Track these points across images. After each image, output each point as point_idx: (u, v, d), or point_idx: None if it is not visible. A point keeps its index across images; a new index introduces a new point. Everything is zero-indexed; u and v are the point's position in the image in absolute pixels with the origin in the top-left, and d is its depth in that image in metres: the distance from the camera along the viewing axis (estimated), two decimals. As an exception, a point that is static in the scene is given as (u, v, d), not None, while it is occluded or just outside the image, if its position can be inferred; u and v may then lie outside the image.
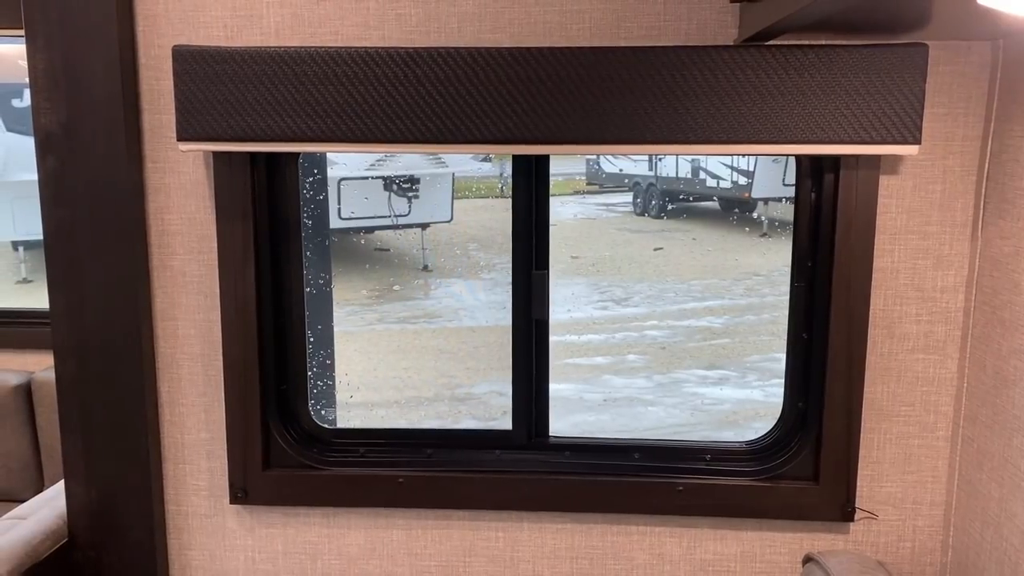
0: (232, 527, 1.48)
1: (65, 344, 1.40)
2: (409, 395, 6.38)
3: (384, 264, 11.10)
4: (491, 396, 6.25)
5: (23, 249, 10.13)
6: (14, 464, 2.41)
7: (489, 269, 10.95)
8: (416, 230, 11.52)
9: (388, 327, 8.16)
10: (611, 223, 12.71)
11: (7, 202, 10.07)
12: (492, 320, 8.43)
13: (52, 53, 1.32)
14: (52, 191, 1.36)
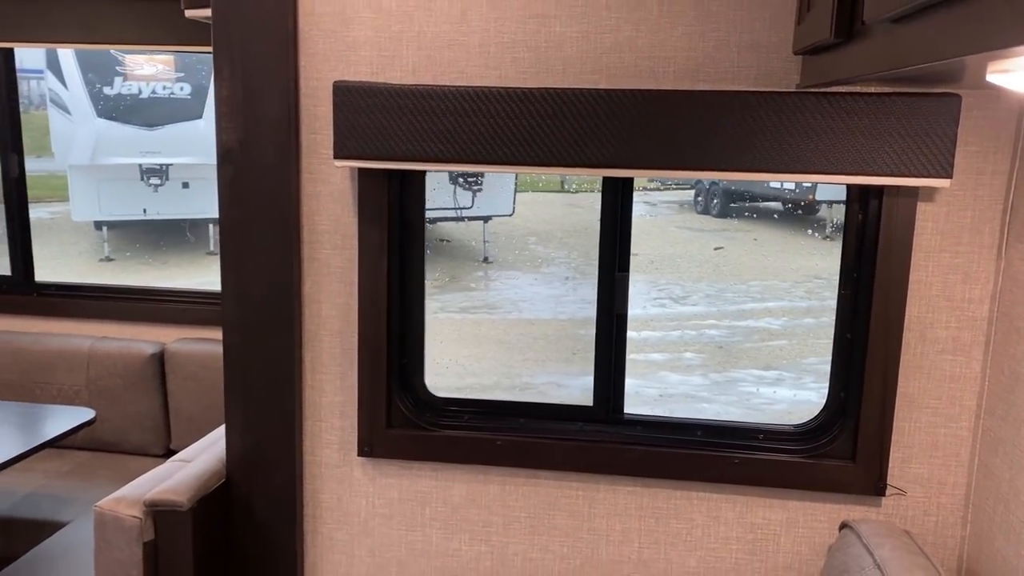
0: (357, 476, 1.79)
1: (233, 319, 1.72)
2: (470, 382, 6.68)
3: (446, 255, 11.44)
4: (549, 387, 6.52)
5: (106, 229, 10.73)
6: (147, 423, 2.78)
7: (548, 263, 11.20)
8: (478, 223, 11.83)
9: (450, 316, 8.48)
10: (672, 221, 12.84)
11: (94, 184, 10.67)
12: (550, 313, 8.69)
13: (234, 83, 1.63)
14: (229, 195, 1.68)
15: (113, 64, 10.11)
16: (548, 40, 1.58)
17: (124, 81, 10.52)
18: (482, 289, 9.82)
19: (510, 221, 12.75)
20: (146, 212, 10.57)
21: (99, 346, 2.76)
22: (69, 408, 2.41)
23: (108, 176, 10.31)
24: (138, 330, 2.83)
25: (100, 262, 10.33)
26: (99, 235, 10.64)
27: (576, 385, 6.44)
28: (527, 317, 8.47)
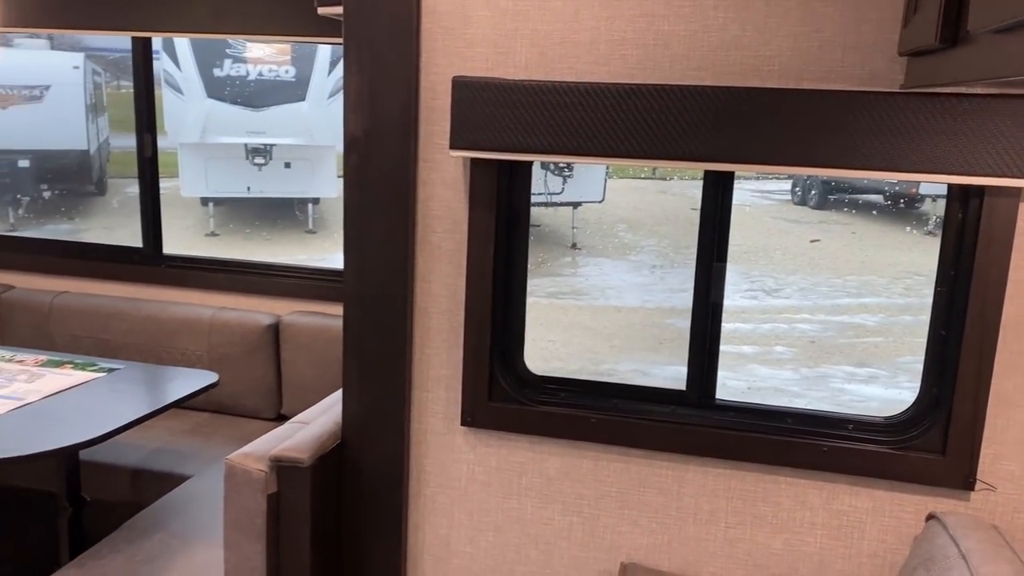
0: (459, 444, 1.92)
1: (353, 294, 1.87)
2: (555, 365, 6.79)
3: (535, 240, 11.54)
4: (634, 375, 6.57)
5: (212, 205, 11.25)
6: (261, 388, 2.99)
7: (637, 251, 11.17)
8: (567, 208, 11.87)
9: (537, 300, 8.60)
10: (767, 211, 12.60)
11: (202, 162, 11.19)
12: (637, 301, 8.70)
13: (362, 78, 1.77)
14: (353, 180, 1.82)
15: (223, 46, 10.58)
16: (656, 38, 1.66)
17: (233, 63, 10.99)
18: (569, 275, 9.90)
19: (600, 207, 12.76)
20: (249, 190, 11.05)
21: (220, 315, 2.98)
22: (194, 371, 2.62)
23: (215, 154, 10.82)
24: (256, 302, 3.03)
25: (206, 236, 10.86)
26: (205, 211, 11.19)
27: (662, 374, 6.46)
28: (614, 304, 8.52)
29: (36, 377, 2.45)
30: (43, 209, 11.36)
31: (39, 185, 11.26)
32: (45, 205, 11.42)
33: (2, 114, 10.42)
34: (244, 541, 1.82)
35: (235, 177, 10.96)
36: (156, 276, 3.12)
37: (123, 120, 13.95)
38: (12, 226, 10.63)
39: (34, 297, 3.13)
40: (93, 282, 3.18)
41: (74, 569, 2.06)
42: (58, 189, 11.52)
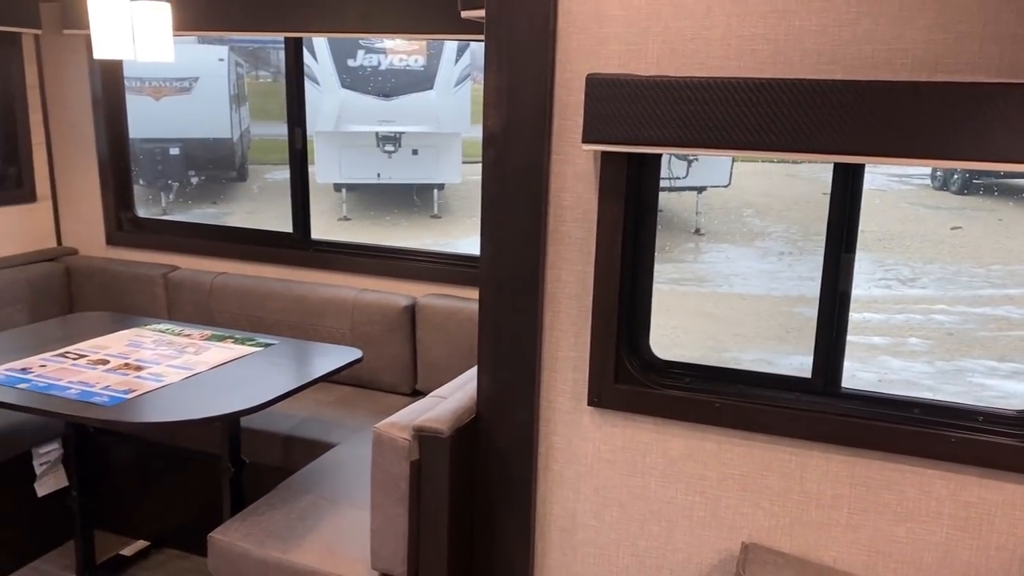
0: (586, 423, 2.02)
1: (488, 279, 2.00)
2: (676, 353, 6.77)
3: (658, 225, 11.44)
4: (759, 364, 6.49)
5: (344, 191, 11.75)
6: (398, 365, 3.18)
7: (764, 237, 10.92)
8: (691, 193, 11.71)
9: (658, 286, 8.56)
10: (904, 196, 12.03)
11: (336, 149, 11.69)
12: (763, 289, 8.54)
13: (501, 76, 1.89)
14: (490, 174, 1.94)
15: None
16: (787, 33, 1.69)
17: (366, 54, 11.42)
18: (692, 261, 9.81)
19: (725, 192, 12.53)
20: (379, 176, 11.49)
21: (361, 296, 3.19)
22: (340, 347, 2.83)
23: (348, 142, 11.30)
24: (395, 284, 3.23)
25: (338, 221, 11.38)
26: (338, 196, 11.72)
27: (788, 364, 6.36)
28: (738, 291, 8.40)
29: (202, 350, 2.72)
30: (191, 194, 12.17)
31: (188, 171, 12.06)
32: (193, 190, 12.24)
33: (156, 105, 11.22)
34: (388, 503, 2.00)
35: (366, 164, 11.42)
36: (305, 259, 3.37)
37: (261, 108, 14.72)
38: (164, 210, 11.45)
39: (197, 277, 3.44)
40: (249, 264, 3.46)
41: (237, 523, 2.29)
42: (204, 175, 12.31)
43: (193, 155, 11.87)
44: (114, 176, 3.64)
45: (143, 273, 3.50)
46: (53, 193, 3.71)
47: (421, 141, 11.34)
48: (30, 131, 3.59)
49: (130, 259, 3.62)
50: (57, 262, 3.62)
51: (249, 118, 14.02)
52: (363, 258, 3.29)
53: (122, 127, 3.65)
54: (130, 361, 2.59)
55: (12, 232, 3.55)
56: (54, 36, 3.53)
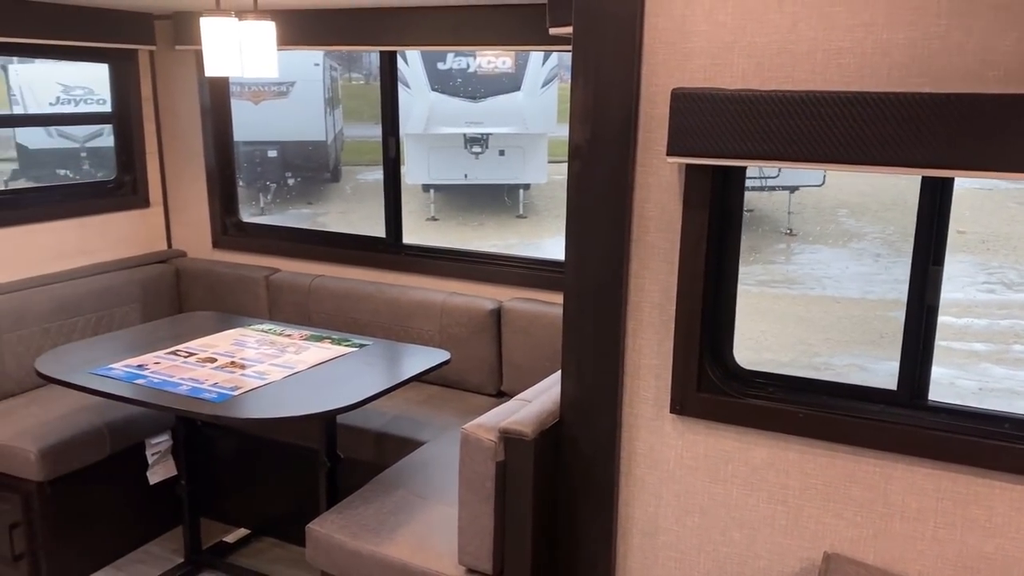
0: (668, 430, 2.06)
1: (573, 287, 2.06)
2: (766, 357, 6.66)
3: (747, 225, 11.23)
4: (851, 369, 6.33)
5: (433, 191, 11.98)
6: (484, 367, 3.27)
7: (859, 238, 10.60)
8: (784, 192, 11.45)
9: (747, 288, 8.44)
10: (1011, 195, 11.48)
11: (425, 151, 11.92)
12: (858, 292, 8.30)
13: (587, 90, 1.94)
14: (576, 184, 2.00)
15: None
16: (874, 47, 1.70)
17: (455, 56, 11.62)
18: (783, 263, 9.61)
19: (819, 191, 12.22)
20: (466, 177, 11.68)
21: (450, 300, 3.30)
22: (429, 349, 2.93)
23: (437, 144, 11.52)
24: (482, 288, 3.33)
25: (426, 221, 11.62)
26: (426, 197, 11.96)
27: (881, 370, 6.19)
28: (831, 294, 8.20)
29: (302, 350, 2.87)
30: (287, 195, 12.61)
31: (284, 173, 12.50)
32: (289, 191, 12.68)
33: (255, 109, 11.67)
34: (475, 501, 2.08)
35: (454, 165, 11.62)
36: (397, 263, 3.50)
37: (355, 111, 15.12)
38: (261, 210, 11.91)
39: (296, 279, 3.61)
40: (345, 267, 3.61)
41: (333, 515, 2.42)
42: (300, 176, 12.73)
43: (290, 157, 12.29)
44: (220, 183, 3.85)
45: (246, 275, 3.69)
46: (164, 199, 3.96)
47: (508, 142, 11.47)
48: (144, 141, 3.83)
49: (234, 261, 3.83)
50: (168, 264, 3.86)
51: (342, 120, 14.43)
52: (452, 262, 3.40)
53: (228, 137, 3.86)
54: (236, 359, 2.76)
55: (127, 236, 3.81)
56: (167, 51, 3.77)
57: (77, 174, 11.27)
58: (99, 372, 2.62)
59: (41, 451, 2.83)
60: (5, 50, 3.38)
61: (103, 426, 3.02)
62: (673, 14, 1.86)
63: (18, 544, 2.91)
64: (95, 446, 2.99)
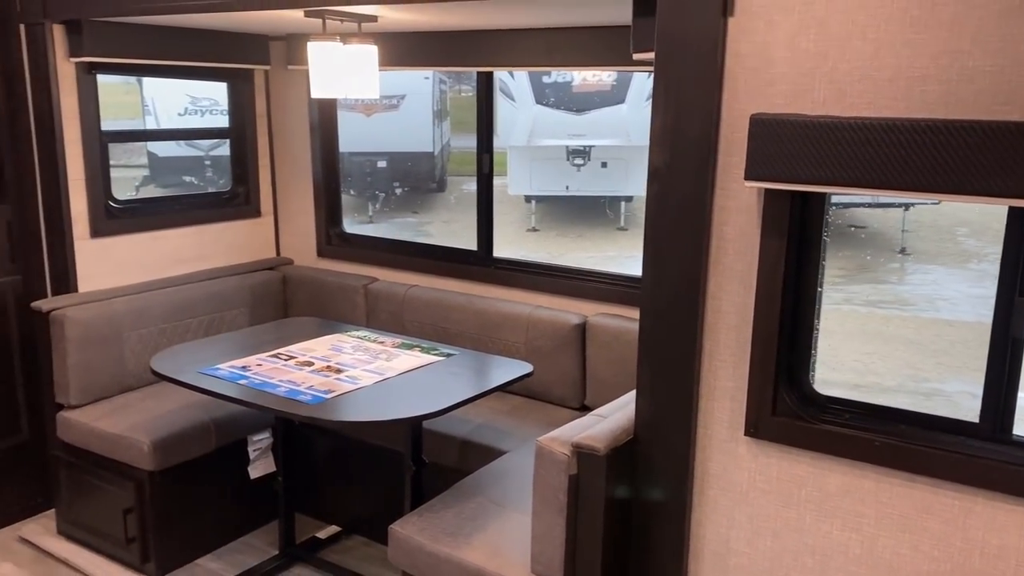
0: (742, 452, 2.07)
1: (649, 306, 2.10)
2: (870, 380, 6.44)
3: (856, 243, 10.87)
4: (963, 396, 6.05)
5: (534, 203, 12.10)
6: (568, 380, 3.33)
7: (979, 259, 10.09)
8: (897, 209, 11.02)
9: (854, 308, 8.16)
10: None
11: (527, 162, 12.06)
12: (974, 315, 7.91)
13: (667, 114, 1.98)
14: (654, 206, 2.04)
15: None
16: (960, 74, 1.67)
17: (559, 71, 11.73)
18: (895, 283, 9.25)
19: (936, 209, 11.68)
20: (568, 188, 11.76)
21: (536, 313, 3.37)
22: (513, 361, 3.01)
23: (539, 156, 11.66)
24: (567, 303, 3.39)
25: (527, 232, 11.75)
26: (527, 208, 12.11)
27: (994, 398, 5.85)
28: (945, 317, 7.85)
29: (393, 357, 3.00)
30: (395, 204, 13.00)
31: (392, 183, 12.90)
32: (396, 200, 13.07)
33: (367, 121, 12.10)
34: (548, 512, 2.14)
35: (556, 177, 11.72)
36: (487, 276, 3.60)
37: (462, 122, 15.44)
38: (370, 218, 12.32)
39: (392, 289, 3.77)
40: (437, 278, 3.74)
41: (415, 518, 2.52)
42: (407, 186, 13.11)
43: (398, 167, 12.68)
44: (326, 196, 4.06)
45: (347, 283, 3.87)
46: (275, 210, 4.19)
47: (611, 154, 11.49)
48: (258, 155, 4.08)
49: (336, 270, 4.02)
50: (275, 271, 4.08)
51: (450, 132, 14.77)
52: (540, 276, 3.47)
53: (334, 153, 4.06)
54: (331, 364, 2.91)
55: (240, 244, 4.05)
56: (280, 71, 4.00)
57: (201, 180, 11.97)
58: (207, 372, 2.81)
59: (153, 443, 3.06)
60: (140, 70, 3.67)
61: (210, 422, 3.23)
62: (755, 41, 1.88)
63: (131, 528, 3.14)
64: (202, 440, 3.20)
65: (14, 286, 3.48)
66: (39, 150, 3.37)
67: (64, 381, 3.28)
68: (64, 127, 3.33)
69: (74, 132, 3.36)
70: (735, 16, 1.90)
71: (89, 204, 3.45)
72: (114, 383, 3.41)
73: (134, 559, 3.20)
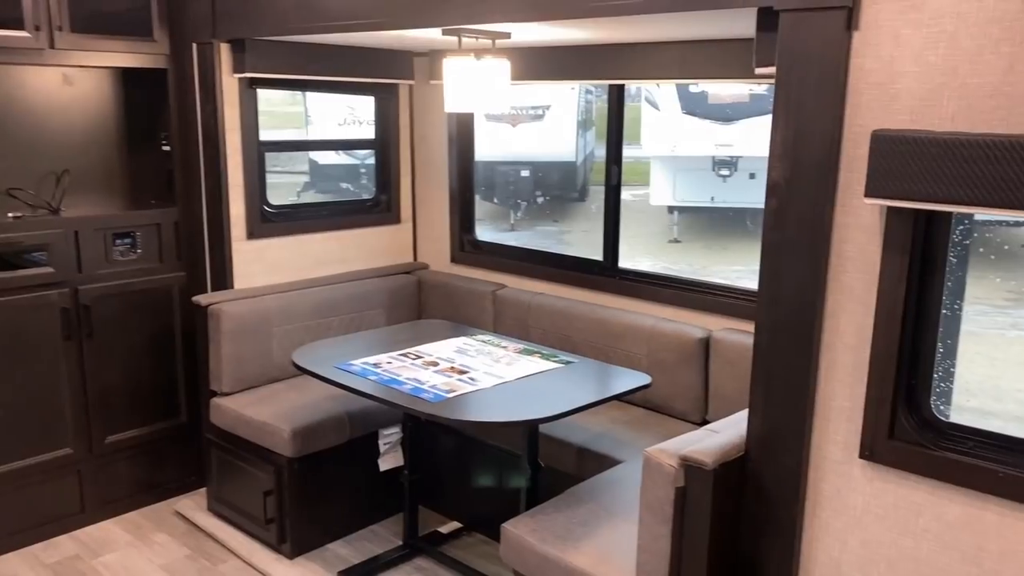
0: (856, 474, 2.01)
1: (765, 322, 2.08)
2: (1008, 408, 5.97)
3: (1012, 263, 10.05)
4: None
5: (677, 213, 11.95)
6: (690, 394, 3.31)
7: None
8: (1062, 224, 10.13)
9: (1001, 333, 7.56)
10: None
11: (672, 173, 11.93)
12: None
13: (787, 129, 1.97)
14: (771, 222, 2.03)
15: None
16: (1102, 89, 1.58)
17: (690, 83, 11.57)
18: (1056, 307, 8.52)
19: (1120, 228, 10.65)
20: (713, 200, 11.55)
21: (659, 325, 3.38)
22: (632, 372, 3.04)
23: (684, 166, 11.51)
24: (691, 315, 3.37)
25: (668, 243, 11.61)
26: (670, 218, 11.96)
27: None
28: None
29: (514, 361, 3.09)
30: (536, 212, 13.18)
31: (535, 192, 13.09)
32: (538, 209, 13.24)
33: (512, 131, 12.36)
34: (654, 523, 2.16)
35: (700, 188, 11.55)
36: (611, 286, 3.64)
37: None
38: (512, 226, 12.55)
39: (519, 295, 3.87)
40: (563, 286, 3.81)
41: (527, 519, 2.60)
42: (549, 195, 13.26)
43: (541, 176, 12.85)
44: (460, 205, 4.22)
45: (476, 289, 4.01)
46: (413, 217, 4.40)
47: (759, 165, 11.18)
48: (400, 165, 4.29)
49: (467, 275, 4.17)
50: (411, 275, 4.28)
51: (594, 142, 14.83)
52: (664, 288, 3.47)
53: (469, 163, 4.22)
54: (455, 365, 3.04)
55: (381, 248, 4.28)
56: (423, 85, 4.20)
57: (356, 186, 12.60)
58: (342, 367, 3.01)
59: (293, 431, 3.29)
60: (295, 85, 3.96)
61: (344, 414, 3.44)
62: (881, 55, 1.84)
63: (270, 509, 3.39)
64: (337, 431, 3.41)
65: (179, 281, 3.84)
66: (204, 158, 3.70)
67: (218, 370, 3.58)
68: (227, 137, 3.64)
69: (235, 142, 3.67)
70: (860, 30, 1.86)
71: (246, 208, 3.75)
72: (262, 374, 3.69)
73: (272, 539, 3.44)
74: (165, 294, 3.81)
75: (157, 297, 3.79)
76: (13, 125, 3.65)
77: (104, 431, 3.69)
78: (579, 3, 2.40)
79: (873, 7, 1.84)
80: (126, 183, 4.02)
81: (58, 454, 3.57)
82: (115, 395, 3.71)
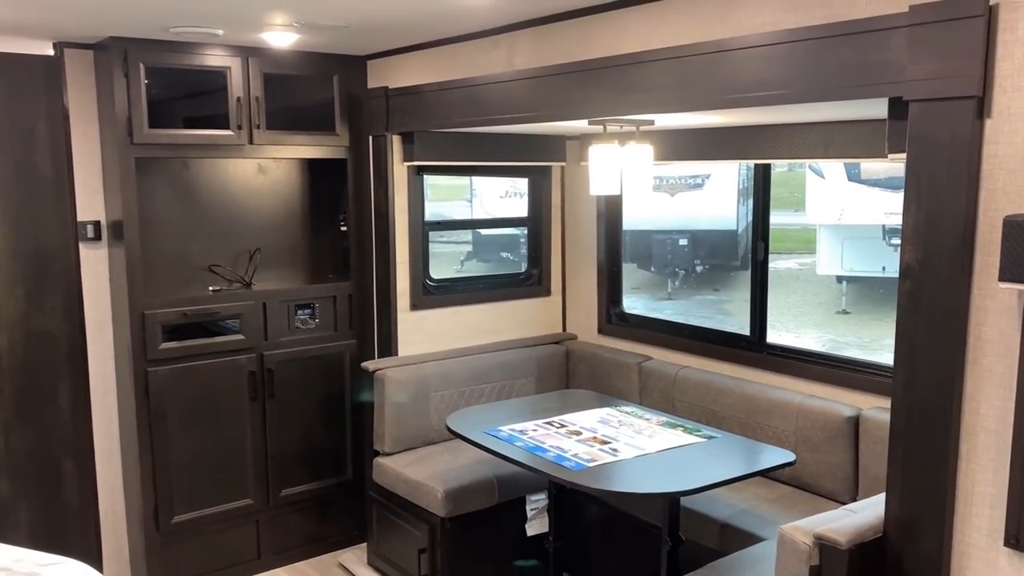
0: (1003, 564, 1.95)
1: (902, 404, 2.08)
2: None
3: None
4: None
5: (845, 283, 11.50)
6: (839, 474, 3.25)
7: None
8: None
9: None
10: None
11: (839, 242, 11.55)
12: None
13: (919, 214, 2.00)
14: (906, 303, 2.05)
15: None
16: None
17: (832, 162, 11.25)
18: None
19: None
20: (884, 270, 11.06)
21: (807, 402, 3.35)
22: (776, 449, 3.04)
23: (852, 234, 11.13)
24: (841, 393, 3.32)
25: (836, 314, 11.18)
26: (838, 288, 11.54)
27: None
28: None
29: (656, 434, 3.17)
30: (695, 281, 13.08)
31: (693, 260, 13.02)
32: (697, 278, 13.14)
33: (671, 201, 12.43)
34: (789, 601, 2.17)
35: (870, 256, 11.11)
36: (758, 361, 3.65)
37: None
38: (669, 295, 12.51)
39: (664, 368, 3.94)
40: (709, 360, 3.85)
41: (665, 589, 2.65)
42: (708, 264, 13.15)
43: (700, 245, 12.80)
44: (608, 278, 4.38)
45: (623, 360, 4.12)
46: (563, 290, 4.60)
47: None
48: (551, 241, 4.52)
49: (614, 347, 4.29)
50: (560, 345, 4.46)
51: (756, 211, 14.57)
52: (813, 365, 3.45)
53: (617, 238, 4.38)
54: (597, 435, 3.15)
55: (532, 319, 4.49)
56: (573, 165, 4.43)
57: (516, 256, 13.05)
58: (490, 432, 3.20)
59: (446, 492, 3.50)
60: (464, 171, 4.33)
61: (493, 478, 3.62)
62: (1015, 142, 1.86)
63: (423, 566, 3.59)
64: (486, 494, 3.59)
65: (351, 348, 4.20)
66: (376, 237, 4.08)
67: (381, 431, 3.87)
68: (396, 218, 4.01)
69: (403, 223, 4.03)
70: (992, 118, 1.89)
71: (411, 282, 4.08)
72: (419, 436, 3.95)
73: (425, 595, 3.64)
74: (338, 360, 4.19)
75: (330, 362, 4.18)
76: (216, 209, 4.18)
77: (280, 484, 4.07)
78: (716, 95, 2.53)
79: (1004, 96, 1.87)
80: (308, 259, 4.47)
81: (240, 504, 3.96)
82: (291, 451, 4.09)
